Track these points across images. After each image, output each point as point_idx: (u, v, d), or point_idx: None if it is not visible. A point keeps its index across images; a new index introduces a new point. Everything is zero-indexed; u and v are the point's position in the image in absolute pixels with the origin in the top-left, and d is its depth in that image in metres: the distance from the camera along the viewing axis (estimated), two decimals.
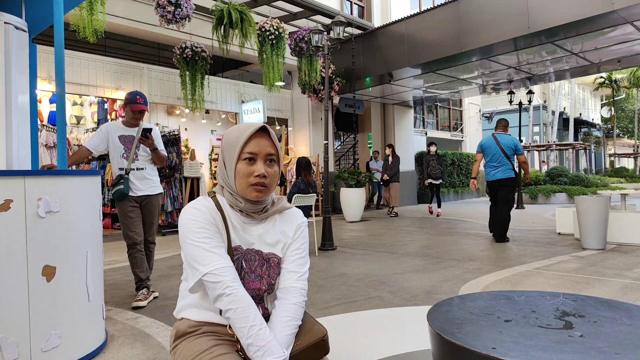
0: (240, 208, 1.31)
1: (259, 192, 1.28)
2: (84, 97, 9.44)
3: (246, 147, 1.27)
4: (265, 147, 1.29)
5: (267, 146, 1.29)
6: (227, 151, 1.31)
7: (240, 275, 1.28)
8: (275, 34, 8.34)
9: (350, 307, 3.34)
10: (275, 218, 1.38)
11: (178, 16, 6.80)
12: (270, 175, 1.29)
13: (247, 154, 1.27)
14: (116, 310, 3.39)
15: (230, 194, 1.32)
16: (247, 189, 1.27)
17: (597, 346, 0.84)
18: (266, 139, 1.30)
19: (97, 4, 5.88)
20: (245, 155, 1.27)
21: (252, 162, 1.28)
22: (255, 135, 1.28)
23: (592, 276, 4.15)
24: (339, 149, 15.83)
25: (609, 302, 1.09)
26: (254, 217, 1.34)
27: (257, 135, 1.28)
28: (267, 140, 1.30)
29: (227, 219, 1.30)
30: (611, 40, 8.44)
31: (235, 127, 1.34)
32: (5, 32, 2.59)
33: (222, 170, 1.34)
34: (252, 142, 1.27)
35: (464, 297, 1.16)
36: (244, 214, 1.33)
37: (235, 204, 1.31)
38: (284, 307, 1.28)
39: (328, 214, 6.31)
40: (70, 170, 2.51)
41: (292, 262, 1.36)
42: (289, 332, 1.23)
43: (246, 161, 1.27)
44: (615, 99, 28.54)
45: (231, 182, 1.29)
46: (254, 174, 1.26)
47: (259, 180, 1.26)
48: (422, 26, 9.44)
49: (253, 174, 1.26)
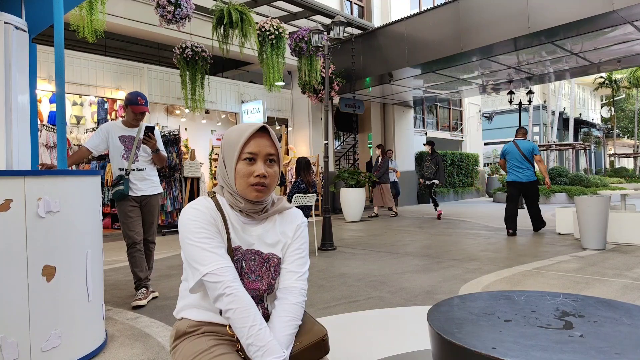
0: (240, 208, 1.31)
1: (259, 192, 1.28)
2: (84, 97, 9.44)
3: (246, 147, 1.27)
4: (265, 147, 1.28)
5: (267, 146, 1.29)
6: (227, 151, 1.30)
7: (240, 275, 1.28)
8: (275, 34, 8.34)
9: (350, 307, 3.35)
10: (275, 218, 1.38)
11: (178, 16, 6.80)
12: (270, 176, 1.29)
13: (247, 154, 1.27)
14: (116, 310, 3.39)
15: (230, 194, 1.31)
16: (247, 189, 1.27)
17: (597, 346, 0.84)
18: (266, 139, 1.29)
19: (96, 3, 5.87)
20: (245, 155, 1.27)
21: (252, 162, 1.27)
22: (255, 135, 1.28)
23: (592, 276, 4.14)
24: (339, 149, 15.83)
25: (608, 302, 1.10)
26: (254, 217, 1.34)
27: (257, 135, 1.28)
28: (267, 140, 1.29)
29: (227, 219, 1.30)
30: (611, 40, 8.45)
31: (236, 127, 1.33)
32: (5, 32, 2.59)
33: (222, 170, 1.34)
34: (252, 142, 1.27)
35: (464, 297, 1.16)
36: (244, 214, 1.33)
37: (235, 204, 1.31)
38: (284, 307, 1.28)
39: (328, 214, 6.31)
40: (70, 170, 2.51)
41: (292, 262, 1.36)
42: (289, 332, 1.23)
43: (246, 161, 1.27)
44: (615, 99, 28.54)
45: (231, 182, 1.29)
46: (254, 174, 1.26)
47: (259, 180, 1.26)
48: (422, 26, 9.44)
49: (253, 174, 1.26)
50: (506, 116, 24.26)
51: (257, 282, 1.31)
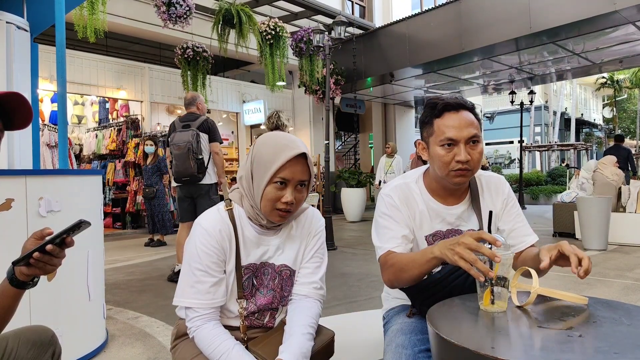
0: (260, 223, 1.27)
1: (282, 218, 1.23)
2: (86, 96, 9.46)
3: (280, 172, 1.18)
4: (299, 174, 1.20)
5: (302, 173, 1.21)
6: (258, 169, 1.22)
7: (251, 292, 1.27)
8: (276, 33, 8.35)
9: (351, 307, 3.35)
10: (291, 225, 1.33)
11: (174, 15, 6.80)
12: (297, 201, 1.22)
13: (279, 178, 1.19)
14: (117, 310, 3.40)
15: (251, 207, 1.25)
16: (272, 212, 1.21)
17: (596, 346, 0.84)
18: (302, 164, 1.21)
19: (98, 3, 5.88)
20: (277, 179, 1.19)
21: (282, 186, 1.19)
22: (292, 160, 1.19)
23: (593, 277, 4.14)
24: (340, 149, 15.83)
25: (608, 303, 1.10)
26: (273, 228, 1.30)
27: (293, 160, 1.19)
28: (302, 166, 1.21)
29: (240, 236, 1.25)
30: (613, 41, 8.43)
31: (272, 142, 1.23)
32: (7, 32, 2.60)
33: (248, 182, 1.25)
34: (287, 168, 1.18)
35: (464, 297, 1.17)
36: (263, 228, 1.28)
37: (255, 219, 1.26)
38: (302, 319, 1.25)
39: (329, 213, 6.31)
40: (71, 169, 2.52)
41: (308, 268, 1.33)
42: (307, 346, 1.20)
43: (276, 184, 1.19)
44: (617, 99, 28.47)
45: (257, 200, 1.22)
46: (282, 199, 1.19)
47: (285, 207, 1.20)
48: (424, 26, 9.44)
49: (281, 200, 1.20)
50: (507, 116, 24.22)
51: (270, 297, 1.29)
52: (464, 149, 1.26)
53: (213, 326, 1.20)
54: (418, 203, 1.37)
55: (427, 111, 1.36)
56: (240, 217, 1.27)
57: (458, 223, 1.39)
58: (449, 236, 1.37)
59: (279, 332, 1.27)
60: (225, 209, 1.27)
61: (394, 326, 1.37)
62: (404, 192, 1.38)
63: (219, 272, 1.22)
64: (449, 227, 1.38)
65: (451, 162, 1.27)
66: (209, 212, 1.28)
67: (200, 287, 1.20)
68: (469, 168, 1.27)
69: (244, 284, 1.26)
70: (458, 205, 1.39)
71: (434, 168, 1.34)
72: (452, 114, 1.29)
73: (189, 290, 1.21)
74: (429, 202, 1.38)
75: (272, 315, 1.31)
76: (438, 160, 1.30)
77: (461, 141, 1.26)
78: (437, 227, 1.38)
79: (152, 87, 9.08)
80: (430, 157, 1.34)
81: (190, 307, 1.21)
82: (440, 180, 1.35)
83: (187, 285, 1.22)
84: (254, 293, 1.28)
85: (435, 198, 1.38)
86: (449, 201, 1.38)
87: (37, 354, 1.20)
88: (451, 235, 1.37)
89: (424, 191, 1.39)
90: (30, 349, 1.20)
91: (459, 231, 1.39)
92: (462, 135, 1.26)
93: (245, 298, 1.26)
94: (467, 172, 1.28)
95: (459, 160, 1.26)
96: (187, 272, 1.22)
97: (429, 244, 1.36)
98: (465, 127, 1.27)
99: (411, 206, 1.37)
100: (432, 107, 1.33)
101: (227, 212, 1.26)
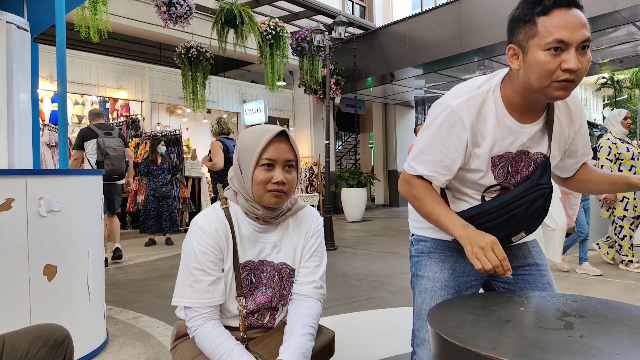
0: (257, 215, 1.26)
1: (277, 199, 1.22)
2: (86, 96, 9.45)
3: (264, 153, 1.21)
4: (284, 153, 1.22)
5: (286, 151, 1.23)
6: (243, 156, 1.24)
7: (250, 290, 1.27)
8: (277, 33, 8.35)
9: (351, 307, 3.34)
10: (288, 223, 1.34)
11: (174, 15, 6.80)
12: (289, 182, 1.23)
13: (265, 160, 1.21)
14: (117, 310, 3.39)
15: (246, 200, 1.26)
16: (265, 195, 1.22)
17: (597, 346, 0.84)
18: (285, 143, 1.23)
19: (99, 3, 5.89)
20: (263, 162, 1.21)
21: (270, 167, 1.21)
22: (273, 140, 1.21)
23: (594, 277, 4.14)
24: (340, 149, 15.83)
25: (609, 303, 1.09)
26: (271, 222, 1.29)
27: (275, 140, 1.22)
28: (286, 144, 1.23)
29: (237, 234, 1.26)
30: (613, 41, 8.43)
31: (251, 130, 1.26)
32: (8, 32, 2.60)
33: (237, 175, 1.27)
34: (270, 148, 1.21)
35: (464, 297, 1.16)
36: (260, 221, 1.28)
37: (251, 212, 1.26)
38: (302, 319, 1.25)
39: (329, 213, 6.31)
40: (71, 169, 2.52)
41: (308, 267, 1.33)
42: (307, 347, 1.20)
43: (264, 167, 1.21)
44: (618, 99, 28.47)
45: (248, 189, 1.24)
46: (272, 180, 1.21)
47: (277, 187, 1.21)
48: (424, 26, 9.44)
49: (271, 181, 1.21)
50: None
51: (269, 295, 1.29)
52: (575, 55, 1.05)
53: (213, 326, 1.20)
54: (490, 120, 1.19)
55: (526, 7, 1.12)
56: (237, 214, 1.28)
57: (529, 144, 1.23)
58: (517, 158, 1.23)
59: (279, 332, 1.27)
60: (221, 208, 1.28)
61: (425, 283, 1.37)
62: (476, 108, 1.19)
63: (216, 271, 1.22)
64: (519, 149, 1.22)
65: (556, 70, 1.06)
66: (205, 211, 1.29)
67: (198, 287, 1.20)
68: (575, 79, 1.06)
69: (242, 281, 1.26)
70: (533, 124, 1.21)
71: (528, 78, 1.11)
72: (563, 11, 1.06)
73: (188, 290, 1.21)
74: (504, 118, 1.19)
75: (272, 316, 1.31)
76: (539, 68, 1.07)
77: (573, 45, 1.05)
78: (507, 148, 1.21)
79: (152, 87, 9.08)
80: (527, 64, 1.11)
81: (189, 306, 1.21)
82: (529, 93, 1.15)
83: (185, 285, 1.22)
84: (252, 291, 1.28)
85: (512, 114, 1.19)
86: (525, 118, 1.20)
87: (48, 354, 1.16)
88: (519, 158, 1.23)
89: (499, 105, 1.20)
90: (41, 348, 1.16)
91: (526, 153, 1.23)
92: (576, 38, 1.05)
93: (244, 296, 1.26)
94: (571, 85, 1.08)
95: (566, 69, 1.05)
96: (185, 272, 1.23)
97: (494, 166, 1.23)
98: (579, 27, 1.05)
99: (480, 125, 1.19)
100: (536, 2, 1.09)
101: (223, 211, 1.27)
